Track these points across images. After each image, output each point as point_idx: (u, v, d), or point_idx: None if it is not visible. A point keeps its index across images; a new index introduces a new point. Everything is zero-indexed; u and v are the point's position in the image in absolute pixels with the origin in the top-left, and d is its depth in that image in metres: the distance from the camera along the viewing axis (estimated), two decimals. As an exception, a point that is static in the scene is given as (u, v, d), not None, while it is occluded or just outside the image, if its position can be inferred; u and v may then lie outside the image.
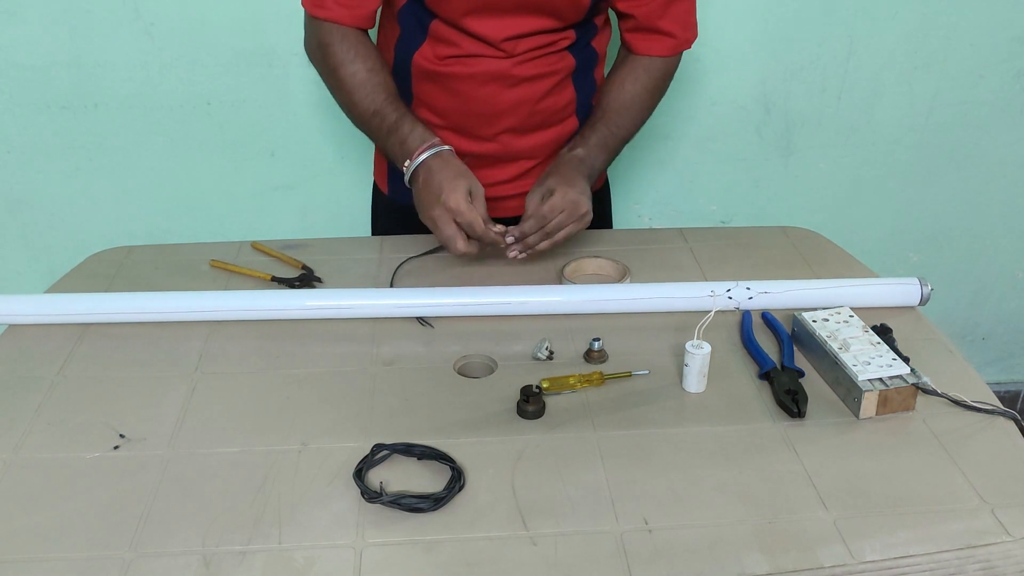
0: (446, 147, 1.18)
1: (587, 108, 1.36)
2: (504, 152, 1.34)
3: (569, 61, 1.30)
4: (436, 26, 1.25)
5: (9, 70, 1.65)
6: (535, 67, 1.27)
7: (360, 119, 1.23)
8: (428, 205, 1.14)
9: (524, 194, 1.36)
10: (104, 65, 1.66)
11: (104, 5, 1.60)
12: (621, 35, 1.32)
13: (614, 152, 1.31)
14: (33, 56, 1.64)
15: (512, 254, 1.19)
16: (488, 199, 1.27)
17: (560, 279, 1.23)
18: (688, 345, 0.99)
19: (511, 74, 1.26)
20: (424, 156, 1.16)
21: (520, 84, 1.27)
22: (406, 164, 1.18)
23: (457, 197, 1.12)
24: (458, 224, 1.14)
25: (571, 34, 1.28)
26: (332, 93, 1.26)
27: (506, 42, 1.23)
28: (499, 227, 1.17)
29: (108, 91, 1.68)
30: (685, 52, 1.33)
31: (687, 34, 1.29)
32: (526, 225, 1.17)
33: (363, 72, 1.21)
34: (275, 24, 1.64)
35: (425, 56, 1.27)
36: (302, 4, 1.23)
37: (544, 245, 1.18)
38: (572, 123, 1.35)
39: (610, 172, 1.53)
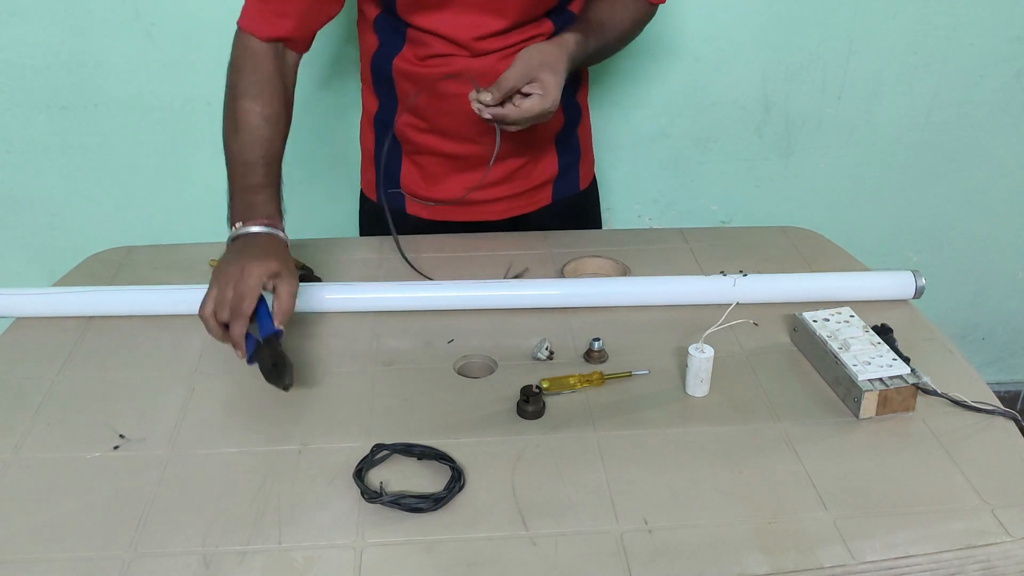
0: (282, 234, 1.11)
1: (573, 103, 1.35)
2: (489, 154, 1.32)
3: None
4: (413, 31, 1.24)
5: (9, 70, 1.65)
6: None
7: (231, 158, 1.15)
8: (227, 263, 1.04)
9: (510, 197, 1.35)
10: (104, 65, 1.65)
11: (104, 5, 1.60)
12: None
13: (589, 63, 1.29)
14: (33, 56, 1.64)
15: (476, 106, 1.14)
16: (474, 202, 1.26)
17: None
18: (691, 348, 0.98)
19: (495, 70, 1.25)
20: (258, 229, 1.09)
21: None
22: (237, 224, 1.10)
23: (255, 277, 1.00)
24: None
25: (547, 25, 1.26)
26: (224, 112, 1.18)
27: (478, 41, 1.22)
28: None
29: (108, 91, 1.68)
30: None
31: None
32: (510, 115, 1.13)
33: (258, 117, 1.15)
34: (275, 24, 1.64)
35: (406, 59, 1.27)
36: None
37: (508, 128, 1.16)
38: (558, 121, 1.34)
39: (610, 172, 1.52)
